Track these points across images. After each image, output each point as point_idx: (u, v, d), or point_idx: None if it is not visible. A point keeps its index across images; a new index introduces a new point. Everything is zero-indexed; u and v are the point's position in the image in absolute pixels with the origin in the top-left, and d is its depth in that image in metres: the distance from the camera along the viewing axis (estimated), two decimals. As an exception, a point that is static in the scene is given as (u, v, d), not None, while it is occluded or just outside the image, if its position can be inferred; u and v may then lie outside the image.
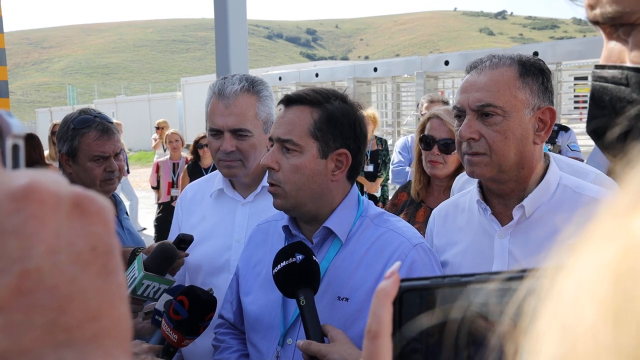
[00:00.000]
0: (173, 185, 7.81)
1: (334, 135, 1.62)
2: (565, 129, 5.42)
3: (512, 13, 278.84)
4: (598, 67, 0.75)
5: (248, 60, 4.04)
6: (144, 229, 10.46)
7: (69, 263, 0.36)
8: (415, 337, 0.47)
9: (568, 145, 5.28)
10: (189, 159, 7.45)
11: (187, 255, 1.97)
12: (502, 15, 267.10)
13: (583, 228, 0.28)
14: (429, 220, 1.93)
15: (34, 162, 3.63)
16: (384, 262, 1.60)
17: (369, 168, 6.26)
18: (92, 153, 2.31)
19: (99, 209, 0.39)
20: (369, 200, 1.79)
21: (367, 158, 6.23)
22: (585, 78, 13.80)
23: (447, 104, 4.84)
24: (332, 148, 1.63)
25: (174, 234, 2.10)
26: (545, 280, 0.29)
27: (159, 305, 1.75)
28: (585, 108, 13.50)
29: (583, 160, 4.33)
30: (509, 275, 0.43)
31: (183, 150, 8.23)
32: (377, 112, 6.69)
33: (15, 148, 0.42)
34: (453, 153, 2.83)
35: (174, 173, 7.87)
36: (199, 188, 2.30)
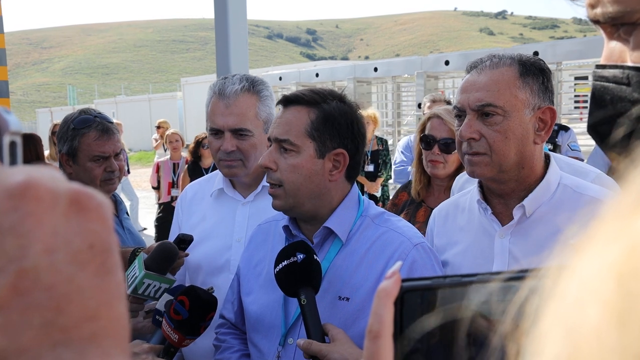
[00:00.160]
0: (173, 186, 7.81)
1: (331, 135, 1.63)
2: (566, 129, 5.41)
3: (512, 13, 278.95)
4: (599, 66, 0.74)
5: (248, 60, 4.03)
6: (145, 229, 10.46)
7: (66, 262, 0.36)
8: (417, 337, 0.46)
9: (568, 145, 5.27)
10: (189, 159, 7.45)
11: (187, 255, 1.97)
12: (502, 15, 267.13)
13: (585, 228, 0.28)
14: (430, 220, 1.93)
15: (31, 162, 3.63)
16: (385, 261, 1.60)
17: (370, 168, 6.26)
18: (92, 153, 2.31)
19: (97, 206, 0.39)
20: (370, 200, 1.79)
21: (367, 158, 6.23)
22: (586, 78, 13.80)
23: (449, 104, 4.83)
24: (329, 148, 1.63)
25: (174, 234, 2.10)
26: (548, 281, 0.29)
27: (160, 305, 1.75)
28: (586, 108, 13.51)
29: (583, 160, 4.33)
30: (511, 275, 0.43)
31: (183, 150, 8.24)
32: (377, 112, 6.69)
33: (13, 145, 0.42)
34: (453, 153, 2.83)
35: (175, 173, 7.88)
36: (199, 188, 2.30)
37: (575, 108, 16.34)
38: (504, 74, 1.58)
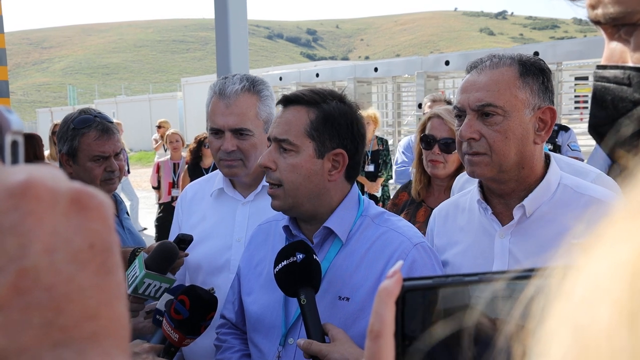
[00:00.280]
0: (174, 186, 7.82)
1: (331, 135, 1.63)
2: (566, 129, 5.41)
3: (512, 13, 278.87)
4: (600, 67, 0.74)
5: (248, 61, 4.03)
6: (145, 229, 10.47)
7: (67, 261, 0.36)
8: (419, 337, 0.46)
9: (568, 145, 5.27)
10: (188, 159, 7.45)
11: (186, 255, 1.97)
12: (502, 15, 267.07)
13: (592, 228, 0.28)
14: (430, 220, 1.93)
15: (31, 162, 3.63)
16: (385, 261, 1.60)
17: (370, 168, 6.26)
18: (92, 153, 2.31)
19: (98, 205, 0.39)
20: (370, 200, 1.79)
21: (368, 158, 6.23)
22: (586, 78, 13.79)
23: (450, 104, 4.83)
24: (328, 148, 1.63)
25: (174, 234, 2.10)
26: (554, 280, 0.28)
27: (160, 305, 1.76)
28: (586, 108, 13.50)
29: (583, 160, 4.32)
30: (513, 275, 0.43)
31: (183, 150, 8.24)
32: (377, 112, 6.68)
33: (15, 144, 0.42)
34: (454, 153, 2.82)
35: (175, 173, 7.88)
36: (199, 188, 2.30)
37: (576, 108, 16.33)
38: (504, 74, 1.58)
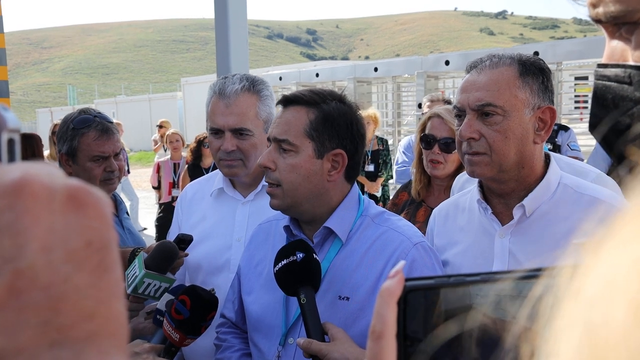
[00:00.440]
0: (174, 186, 7.82)
1: (330, 136, 1.63)
2: (565, 129, 5.41)
3: (512, 13, 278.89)
4: (601, 65, 0.74)
5: (248, 60, 4.02)
6: (145, 229, 10.47)
7: (64, 260, 0.35)
8: (421, 337, 0.46)
9: (568, 145, 5.26)
10: (189, 159, 7.45)
11: (186, 255, 1.97)
12: (502, 15, 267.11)
13: (596, 227, 0.27)
14: (430, 220, 1.93)
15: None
16: (385, 261, 1.60)
17: (370, 168, 6.26)
18: (91, 153, 2.30)
19: (95, 202, 0.38)
20: (370, 200, 1.79)
21: (368, 158, 6.23)
22: (586, 78, 13.79)
23: (449, 103, 4.82)
24: (328, 148, 1.63)
25: (174, 234, 2.10)
26: (562, 280, 0.28)
27: (161, 305, 1.76)
28: (586, 108, 13.50)
29: (583, 160, 4.32)
30: (517, 275, 0.42)
31: (183, 150, 8.24)
32: (377, 112, 6.68)
33: (11, 142, 0.42)
34: (453, 152, 2.82)
35: (175, 173, 7.88)
36: (199, 187, 2.30)
37: (576, 108, 16.32)
38: (504, 74, 1.58)
